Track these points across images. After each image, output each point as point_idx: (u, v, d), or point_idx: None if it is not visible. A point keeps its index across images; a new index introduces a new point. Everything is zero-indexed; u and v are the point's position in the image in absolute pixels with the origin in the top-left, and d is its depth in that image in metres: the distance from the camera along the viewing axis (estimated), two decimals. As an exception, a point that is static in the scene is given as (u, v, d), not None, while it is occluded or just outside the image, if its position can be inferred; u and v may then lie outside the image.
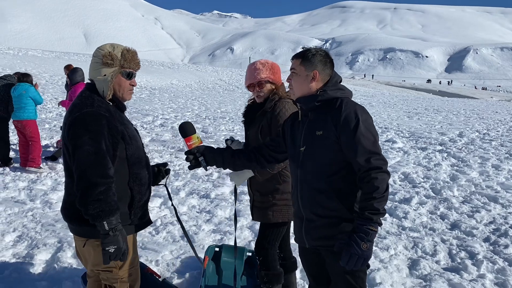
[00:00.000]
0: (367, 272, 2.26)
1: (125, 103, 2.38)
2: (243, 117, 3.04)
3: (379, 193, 2.00)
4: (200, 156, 2.43)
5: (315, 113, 2.22)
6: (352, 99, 2.26)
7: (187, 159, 2.46)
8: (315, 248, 2.27)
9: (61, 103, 7.59)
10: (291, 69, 2.29)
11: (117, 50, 2.25)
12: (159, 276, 3.28)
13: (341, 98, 2.19)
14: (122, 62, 2.24)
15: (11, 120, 7.12)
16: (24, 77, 7.03)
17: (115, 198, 2.12)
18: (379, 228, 2.02)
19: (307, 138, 2.23)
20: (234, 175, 2.80)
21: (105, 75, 2.23)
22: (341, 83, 2.29)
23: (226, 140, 2.96)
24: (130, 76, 2.29)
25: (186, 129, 2.44)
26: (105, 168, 2.09)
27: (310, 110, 2.25)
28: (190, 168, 2.49)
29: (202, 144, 2.47)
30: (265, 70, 2.84)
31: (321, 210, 2.17)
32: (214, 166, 2.50)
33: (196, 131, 2.47)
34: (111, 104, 2.27)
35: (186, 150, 2.48)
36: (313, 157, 2.20)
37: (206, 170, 2.49)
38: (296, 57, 2.29)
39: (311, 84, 2.23)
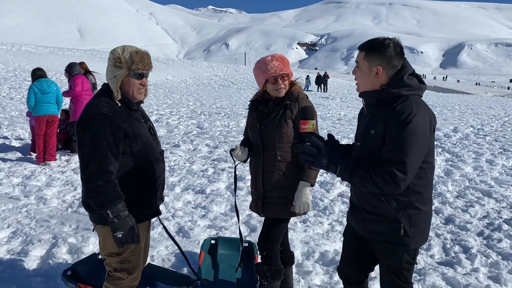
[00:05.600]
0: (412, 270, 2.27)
1: (143, 101, 2.53)
2: (254, 111, 2.96)
3: (370, 177, 1.97)
4: (307, 142, 2.42)
5: (376, 110, 2.12)
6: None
7: (295, 141, 2.54)
8: (364, 236, 2.30)
9: (63, 94, 7.56)
10: (356, 61, 2.18)
11: (126, 53, 2.37)
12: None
13: (405, 96, 2.04)
14: (130, 64, 2.35)
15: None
16: (42, 71, 7.16)
17: (116, 188, 2.26)
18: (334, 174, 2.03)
19: (363, 134, 2.18)
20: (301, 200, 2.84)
21: (114, 76, 2.37)
22: (411, 76, 2.10)
23: (231, 151, 2.97)
24: (139, 76, 2.40)
25: (307, 113, 2.43)
26: (104, 164, 2.24)
27: (372, 107, 2.16)
28: (296, 150, 2.54)
29: (314, 131, 2.47)
30: (284, 63, 2.87)
31: (368, 206, 2.19)
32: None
33: (314, 119, 2.48)
34: (119, 104, 2.38)
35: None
36: (364, 154, 2.15)
37: None
38: (360, 49, 2.14)
39: (374, 79, 2.10)
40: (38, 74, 7.05)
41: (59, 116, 7.30)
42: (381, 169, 1.97)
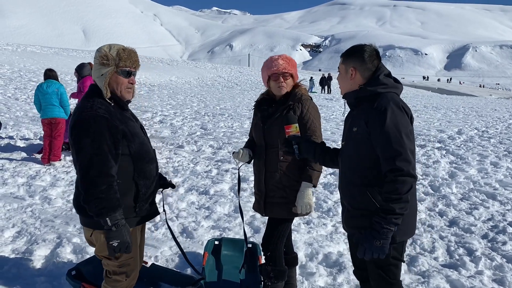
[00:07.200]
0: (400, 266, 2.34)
1: (130, 100, 2.46)
2: (259, 111, 3.00)
3: (396, 195, 2.03)
4: (295, 144, 2.55)
5: (357, 109, 2.27)
6: None
7: (283, 145, 2.62)
8: (352, 234, 2.39)
9: (72, 96, 7.63)
10: (337, 67, 2.40)
11: (113, 50, 2.31)
12: (146, 263, 3.29)
13: (382, 93, 2.19)
14: (117, 61, 2.29)
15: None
16: (52, 72, 7.17)
17: (117, 195, 2.21)
18: (395, 227, 2.07)
19: (347, 133, 2.33)
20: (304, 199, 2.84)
21: (102, 74, 2.30)
22: (387, 77, 2.26)
23: (233, 153, 2.99)
24: (127, 74, 2.33)
25: (289, 118, 2.62)
26: (106, 168, 2.18)
27: (353, 106, 2.32)
28: (285, 153, 2.67)
29: (298, 134, 2.60)
30: (290, 63, 2.90)
31: (355, 202, 2.27)
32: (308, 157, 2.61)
33: (297, 122, 2.65)
34: (112, 104, 2.32)
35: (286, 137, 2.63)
36: (349, 152, 2.29)
37: (298, 158, 2.61)
38: (340, 56, 2.36)
39: (350, 81, 2.28)
40: (46, 75, 7.12)
41: (65, 118, 7.22)
42: (388, 181, 2.06)
